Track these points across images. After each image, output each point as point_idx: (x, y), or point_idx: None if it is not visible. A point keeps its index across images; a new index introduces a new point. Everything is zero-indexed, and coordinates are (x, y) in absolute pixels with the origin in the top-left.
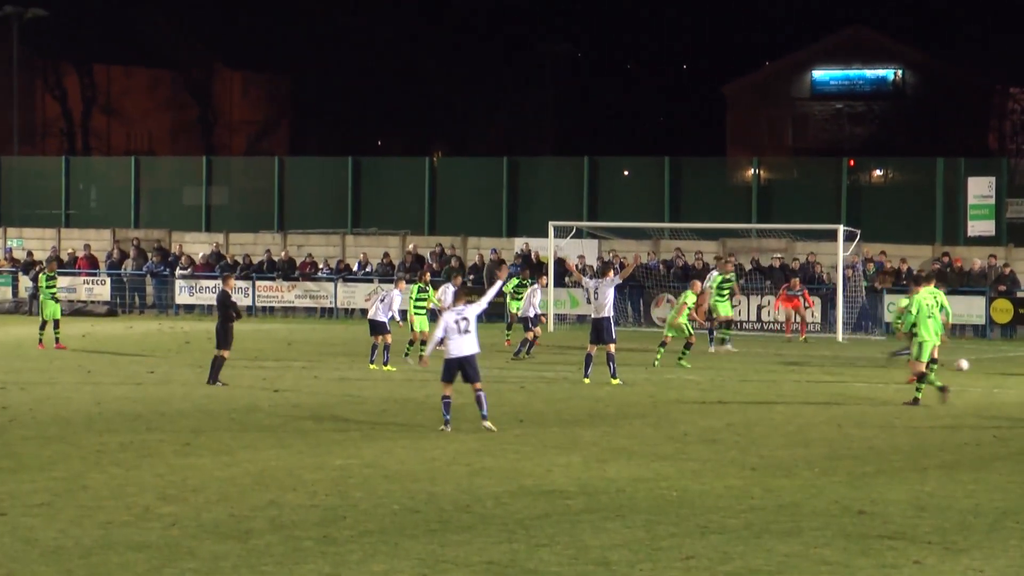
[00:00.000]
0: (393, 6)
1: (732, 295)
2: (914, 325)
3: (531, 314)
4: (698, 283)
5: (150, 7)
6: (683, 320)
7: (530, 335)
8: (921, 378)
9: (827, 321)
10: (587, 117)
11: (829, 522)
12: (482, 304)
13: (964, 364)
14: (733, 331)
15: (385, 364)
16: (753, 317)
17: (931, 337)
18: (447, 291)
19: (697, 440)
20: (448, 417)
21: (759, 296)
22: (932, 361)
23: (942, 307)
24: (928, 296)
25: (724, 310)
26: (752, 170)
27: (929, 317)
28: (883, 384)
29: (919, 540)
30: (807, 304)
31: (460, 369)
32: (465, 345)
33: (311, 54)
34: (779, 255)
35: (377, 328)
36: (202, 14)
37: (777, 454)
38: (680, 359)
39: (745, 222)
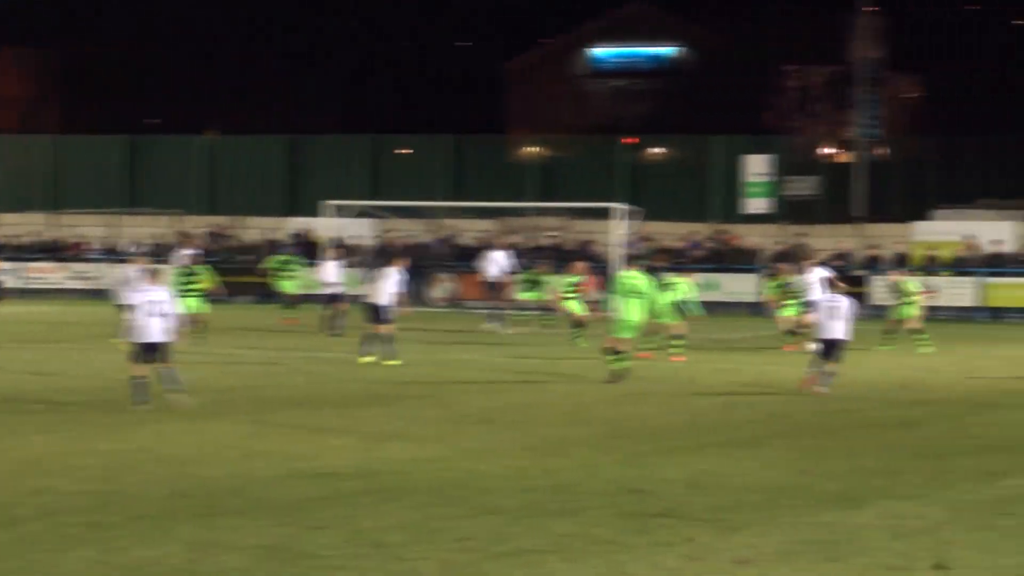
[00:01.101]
0: None
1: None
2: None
3: (333, 289)
4: (579, 265)
5: None
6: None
7: (339, 307)
8: (615, 352)
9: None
10: (369, 95)
11: (605, 501)
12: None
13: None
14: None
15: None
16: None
17: (630, 316)
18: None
19: (474, 420)
20: (143, 398)
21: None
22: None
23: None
24: (631, 276)
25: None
26: (532, 148)
27: (627, 297)
28: (659, 362)
29: (693, 518)
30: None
31: (152, 352)
32: (156, 330)
33: (84, 28)
34: (555, 233)
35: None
36: None
37: (554, 433)
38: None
39: (526, 200)
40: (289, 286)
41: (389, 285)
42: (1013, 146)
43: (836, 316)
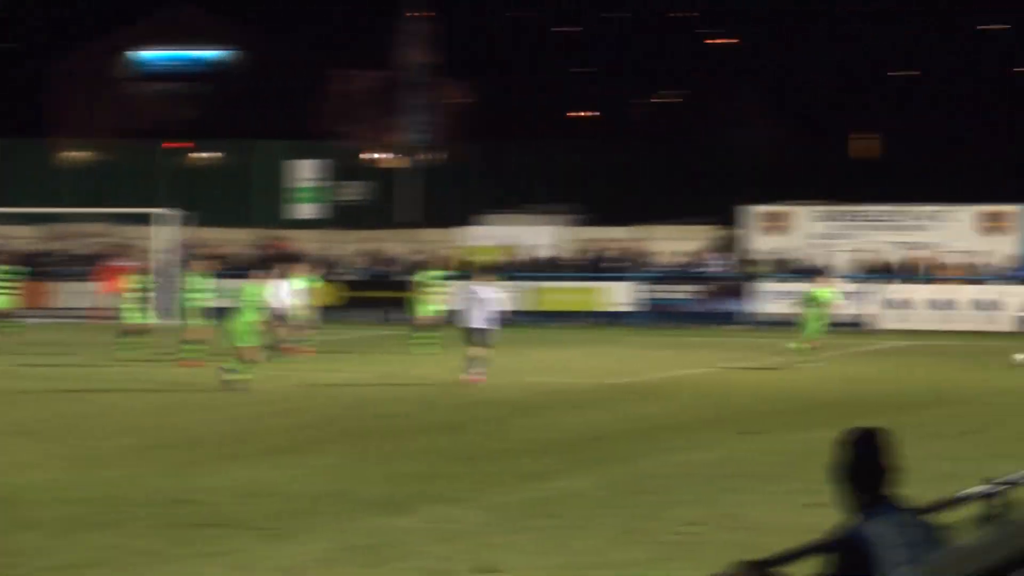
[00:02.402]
0: None
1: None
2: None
3: None
4: (209, 263)
5: None
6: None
7: None
8: (244, 361)
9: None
10: None
11: (151, 512)
12: None
13: (1020, 358)
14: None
15: None
16: (76, 304)
17: (246, 322)
18: None
19: (13, 432)
20: None
21: (81, 282)
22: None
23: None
24: (256, 285)
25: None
26: (76, 152)
27: (247, 304)
28: (205, 369)
29: (242, 526)
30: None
31: None
32: None
33: None
34: (101, 239)
35: None
36: None
37: (99, 444)
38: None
39: (69, 206)
40: None
41: None
42: (555, 152)
43: (478, 307)
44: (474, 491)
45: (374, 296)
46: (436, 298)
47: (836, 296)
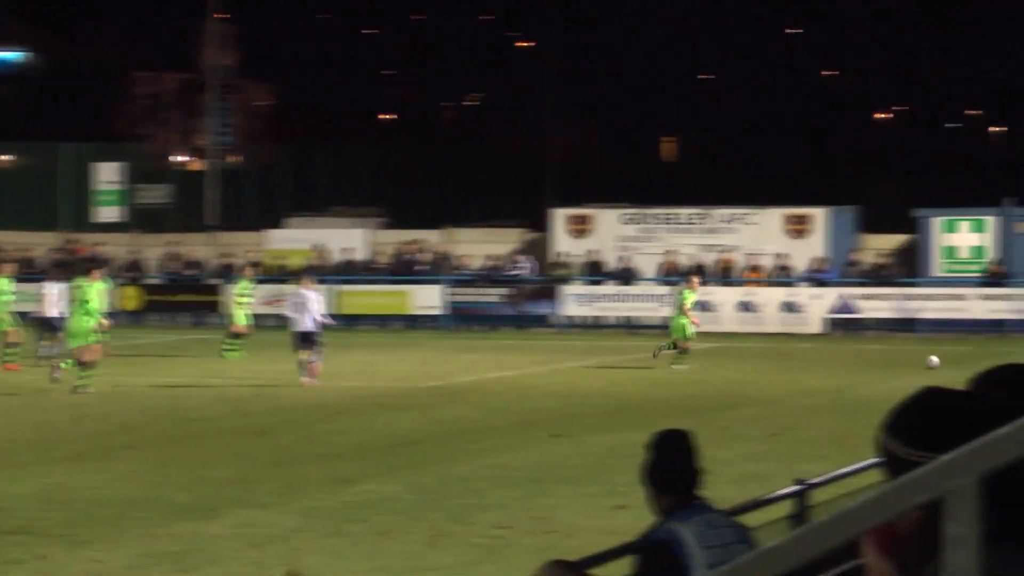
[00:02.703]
0: None
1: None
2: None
3: None
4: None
5: None
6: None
7: None
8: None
9: None
10: None
11: None
12: None
13: (935, 360)
14: None
15: None
16: None
17: (82, 324)
18: None
19: None
20: None
21: None
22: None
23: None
24: (88, 286)
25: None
26: None
27: (82, 306)
28: (17, 373)
29: (44, 534)
30: None
31: None
32: None
33: None
34: None
35: None
36: None
37: None
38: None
39: None
40: None
41: None
42: (361, 154)
43: (303, 310)
44: (285, 496)
45: (178, 300)
46: (248, 305)
47: (694, 298)
